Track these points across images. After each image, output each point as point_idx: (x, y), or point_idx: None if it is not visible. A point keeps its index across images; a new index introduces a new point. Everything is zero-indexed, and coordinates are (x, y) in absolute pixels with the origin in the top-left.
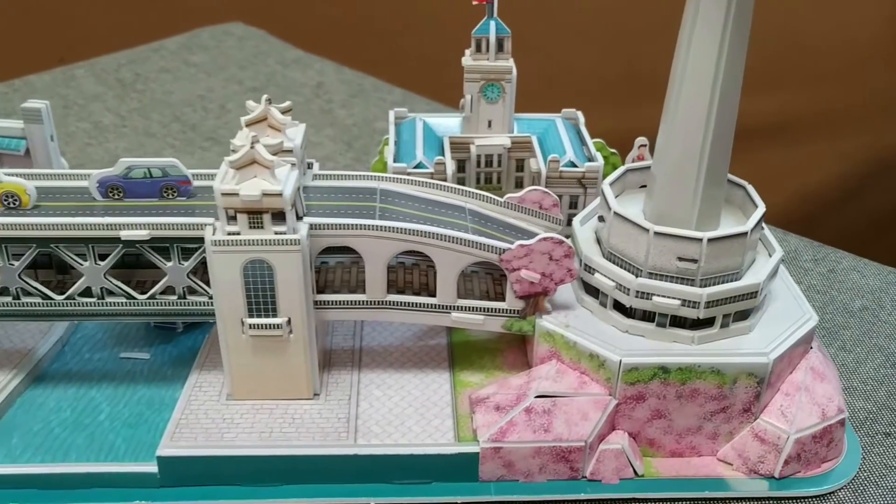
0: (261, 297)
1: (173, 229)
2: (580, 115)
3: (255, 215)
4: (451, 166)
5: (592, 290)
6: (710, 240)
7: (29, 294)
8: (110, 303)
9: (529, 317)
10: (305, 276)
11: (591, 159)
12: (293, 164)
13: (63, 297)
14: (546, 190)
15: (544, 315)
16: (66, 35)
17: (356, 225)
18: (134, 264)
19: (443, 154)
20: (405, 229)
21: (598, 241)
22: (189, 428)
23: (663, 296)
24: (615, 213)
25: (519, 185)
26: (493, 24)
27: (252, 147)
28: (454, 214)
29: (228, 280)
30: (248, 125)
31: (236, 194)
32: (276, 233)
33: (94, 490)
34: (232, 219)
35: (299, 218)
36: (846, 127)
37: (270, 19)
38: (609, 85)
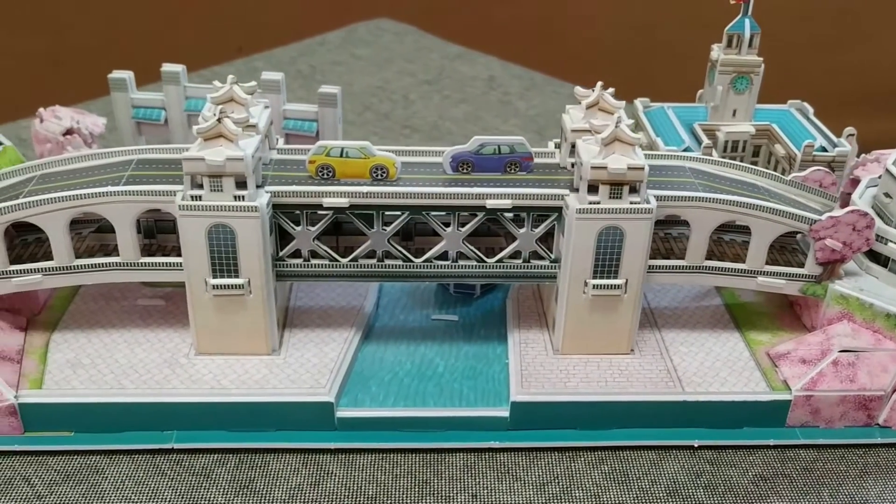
0: (606, 260)
1: (532, 199)
2: (808, 106)
3: (615, 186)
4: (715, 152)
5: (878, 259)
6: None
7: (389, 256)
8: (462, 265)
9: (824, 282)
10: (648, 243)
11: (833, 145)
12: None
13: (422, 259)
14: (828, 170)
15: (836, 280)
16: (242, 27)
17: (695, 197)
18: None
19: (696, 139)
20: (733, 201)
21: (879, 215)
22: (533, 378)
23: None
24: None
25: None
26: (747, 21)
27: (617, 126)
28: (754, 190)
29: (584, 245)
30: (587, 108)
31: (604, 168)
32: (632, 202)
33: (450, 432)
34: (592, 190)
35: None
36: None
37: (415, 15)
38: None
